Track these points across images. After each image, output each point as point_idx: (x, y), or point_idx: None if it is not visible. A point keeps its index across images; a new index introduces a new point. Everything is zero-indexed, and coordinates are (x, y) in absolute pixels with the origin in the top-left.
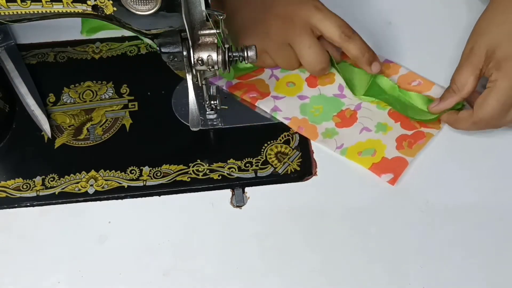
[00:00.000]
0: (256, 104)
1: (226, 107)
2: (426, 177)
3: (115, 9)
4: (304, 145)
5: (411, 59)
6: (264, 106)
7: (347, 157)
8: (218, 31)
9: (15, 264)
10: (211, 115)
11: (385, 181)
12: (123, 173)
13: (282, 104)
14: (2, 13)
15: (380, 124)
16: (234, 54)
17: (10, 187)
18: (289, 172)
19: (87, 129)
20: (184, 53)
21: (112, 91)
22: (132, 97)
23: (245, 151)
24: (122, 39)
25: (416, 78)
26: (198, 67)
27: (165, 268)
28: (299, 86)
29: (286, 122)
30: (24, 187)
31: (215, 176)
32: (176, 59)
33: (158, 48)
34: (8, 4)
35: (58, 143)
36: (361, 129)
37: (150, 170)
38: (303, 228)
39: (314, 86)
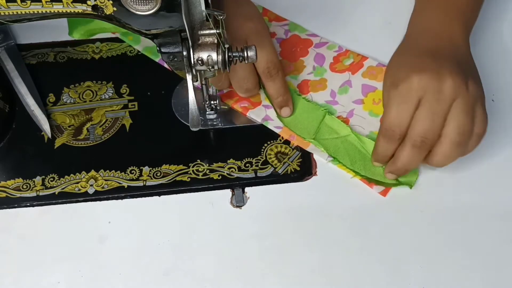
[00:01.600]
0: (247, 114)
1: (226, 107)
2: (425, 177)
3: (115, 9)
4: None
5: None
6: (255, 115)
7: (338, 166)
8: (218, 31)
9: (15, 264)
10: (211, 115)
11: (376, 192)
12: (123, 173)
13: (273, 113)
14: (2, 13)
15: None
16: (234, 54)
17: (10, 187)
18: (289, 172)
19: (87, 129)
20: (184, 53)
21: (112, 91)
22: (132, 97)
23: (245, 151)
24: (122, 39)
25: None
26: (198, 67)
27: (165, 268)
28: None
29: (277, 131)
30: (24, 187)
31: (215, 176)
32: (176, 59)
33: (157, 48)
34: (8, 4)
35: (58, 143)
36: None
37: (150, 170)
38: (303, 228)
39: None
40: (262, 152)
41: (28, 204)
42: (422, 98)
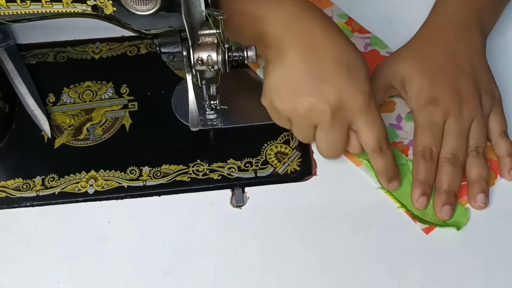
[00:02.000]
0: None
1: (226, 107)
2: None
3: (114, 9)
4: (304, 145)
5: None
6: None
7: (387, 194)
8: (218, 31)
9: (15, 264)
10: (211, 115)
11: (419, 228)
12: (123, 173)
13: None
14: (2, 13)
15: None
16: (234, 54)
17: (10, 187)
18: (289, 172)
19: (87, 129)
20: (184, 53)
21: (112, 91)
22: (132, 97)
23: (245, 151)
24: (122, 39)
25: None
26: (198, 67)
27: (165, 268)
28: None
29: None
30: (24, 187)
31: (215, 176)
32: (176, 59)
33: (157, 48)
34: (8, 4)
35: (58, 143)
36: None
37: (150, 170)
38: (303, 228)
39: None
40: (262, 152)
41: (28, 204)
42: (446, 120)
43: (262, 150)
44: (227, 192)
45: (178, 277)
